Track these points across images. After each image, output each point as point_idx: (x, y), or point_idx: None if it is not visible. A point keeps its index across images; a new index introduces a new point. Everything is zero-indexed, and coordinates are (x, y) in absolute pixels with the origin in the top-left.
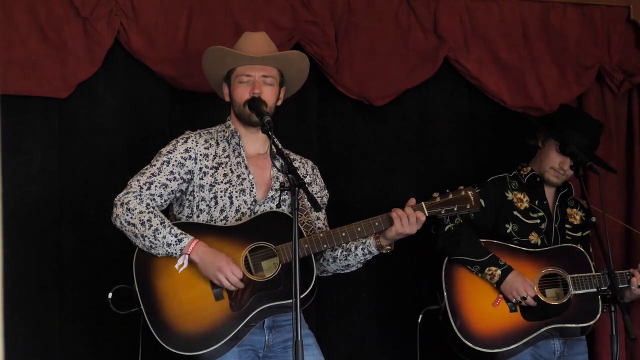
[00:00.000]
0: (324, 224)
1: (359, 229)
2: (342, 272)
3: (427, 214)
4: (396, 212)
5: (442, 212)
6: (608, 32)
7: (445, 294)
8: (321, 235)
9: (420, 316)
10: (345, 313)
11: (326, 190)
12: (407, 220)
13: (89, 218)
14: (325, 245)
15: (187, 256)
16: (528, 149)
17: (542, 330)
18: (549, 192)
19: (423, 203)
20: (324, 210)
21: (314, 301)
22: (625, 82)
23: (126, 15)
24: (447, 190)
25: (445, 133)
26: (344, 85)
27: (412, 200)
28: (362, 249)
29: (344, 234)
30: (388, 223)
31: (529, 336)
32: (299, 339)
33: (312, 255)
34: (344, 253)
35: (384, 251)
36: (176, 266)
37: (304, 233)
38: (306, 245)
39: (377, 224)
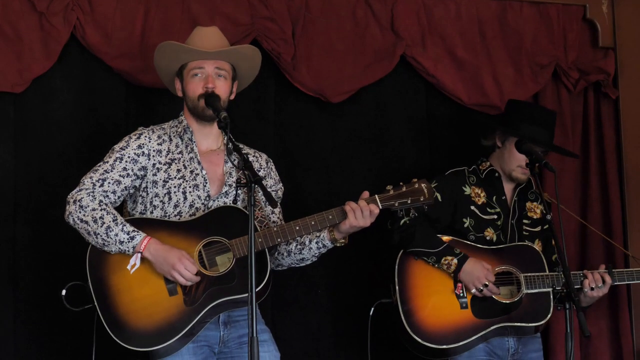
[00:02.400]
0: (278, 217)
1: (312, 223)
2: (297, 265)
3: (380, 207)
4: (350, 206)
5: (396, 204)
6: (564, 30)
7: (397, 287)
8: (275, 229)
9: (372, 309)
10: (300, 308)
11: (281, 184)
12: (361, 213)
13: (43, 213)
14: (279, 239)
15: (139, 255)
16: (485, 147)
17: (493, 327)
18: (508, 188)
19: (377, 196)
20: (278, 203)
21: (268, 296)
22: (581, 80)
23: (82, 10)
24: (401, 183)
25: (402, 130)
26: (301, 81)
27: (366, 194)
28: (317, 242)
29: (297, 228)
30: (342, 216)
31: (478, 333)
32: (255, 335)
33: (266, 249)
34: (299, 247)
35: (338, 244)
36: (128, 267)
37: (258, 227)
38: (260, 240)
39: (330, 217)
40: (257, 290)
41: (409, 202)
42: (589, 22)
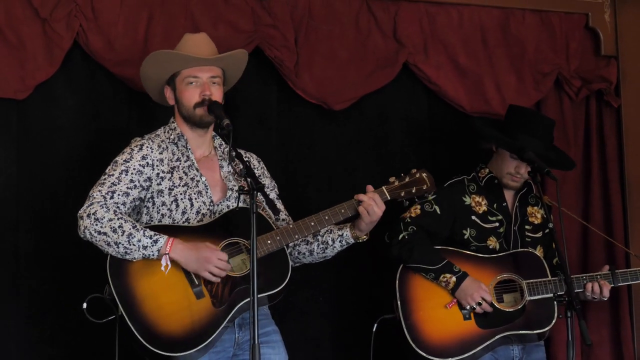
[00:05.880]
0: (286, 214)
1: (326, 217)
2: (317, 262)
3: (389, 198)
4: (363, 205)
5: (402, 194)
6: (566, 39)
7: (399, 303)
8: (291, 226)
9: (375, 325)
10: (302, 315)
11: (274, 181)
12: (373, 208)
13: (46, 220)
14: (296, 236)
15: (167, 256)
16: (486, 152)
17: (497, 337)
18: (509, 194)
19: (384, 187)
20: (280, 201)
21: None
22: (583, 88)
23: (85, 17)
24: (402, 174)
25: (404, 138)
26: (304, 89)
27: (370, 187)
28: (340, 241)
29: (312, 223)
30: (353, 209)
31: (483, 343)
32: (256, 342)
33: (285, 246)
34: (322, 246)
35: (360, 241)
36: (162, 268)
37: (273, 226)
38: (278, 237)
39: (343, 211)
40: (280, 288)
41: (414, 191)
42: (591, 31)
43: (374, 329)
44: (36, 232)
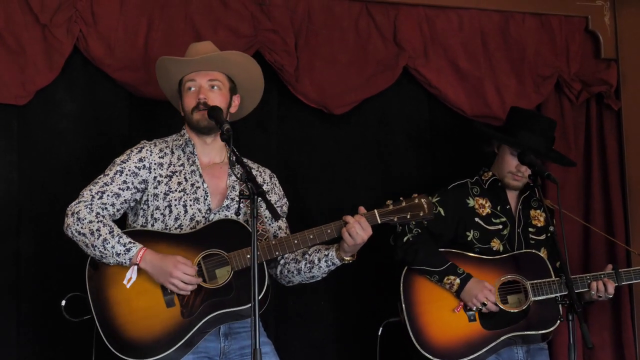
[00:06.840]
0: (285, 233)
1: (311, 237)
2: (308, 282)
3: (380, 222)
4: (345, 228)
5: (395, 219)
6: (566, 42)
7: (403, 306)
8: (273, 242)
9: (381, 329)
10: (304, 321)
11: (285, 199)
12: (356, 231)
13: (47, 225)
14: (277, 253)
15: (135, 268)
16: (487, 156)
17: (502, 338)
18: (512, 197)
19: (376, 210)
20: (284, 219)
21: (273, 308)
22: (584, 91)
23: (85, 22)
24: (401, 198)
25: (405, 141)
26: (304, 93)
27: (362, 209)
28: (326, 261)
29: (296, 242)
30: (340, 231)
31: (489, 345)
32: (257, 347)
33: (265, 262)
34: (308, 265)
35: (346, 262)
36: (124, 281)
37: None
38: (258, 253)
39: (329, 231)
40: (249, 304)
41: (408, 217)
42: (591, 34)
43: (379, 333)
44: (37, 237)
